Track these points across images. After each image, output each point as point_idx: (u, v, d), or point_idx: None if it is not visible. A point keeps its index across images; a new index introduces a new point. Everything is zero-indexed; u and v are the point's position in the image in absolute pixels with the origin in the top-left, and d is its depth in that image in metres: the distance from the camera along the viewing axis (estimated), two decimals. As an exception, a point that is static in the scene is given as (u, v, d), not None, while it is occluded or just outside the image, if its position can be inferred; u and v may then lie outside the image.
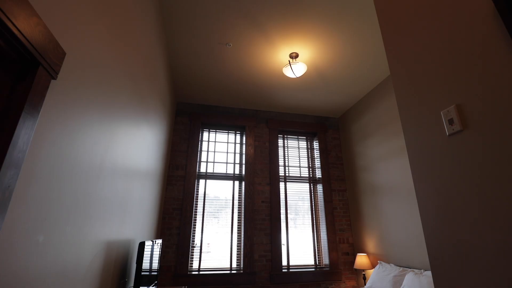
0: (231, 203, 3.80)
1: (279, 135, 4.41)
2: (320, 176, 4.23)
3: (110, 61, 1.33)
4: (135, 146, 1.98)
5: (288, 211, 3.97)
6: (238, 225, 3.71)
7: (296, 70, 3.06)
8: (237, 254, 3.58)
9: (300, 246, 3.86)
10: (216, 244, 3.57)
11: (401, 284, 2.56)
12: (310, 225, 4.00)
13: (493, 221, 0.77)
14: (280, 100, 4.08)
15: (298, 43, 2.91)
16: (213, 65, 3.24)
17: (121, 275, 1.83)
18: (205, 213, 3.65)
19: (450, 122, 0.92)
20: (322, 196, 4.10)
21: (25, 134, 0.72)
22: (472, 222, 0.83)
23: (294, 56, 3.10)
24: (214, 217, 3.67)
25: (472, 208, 0.83)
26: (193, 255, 3.44)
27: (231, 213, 3.75)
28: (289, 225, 3.90)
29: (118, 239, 1.72)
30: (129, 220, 1.96)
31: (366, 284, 3.04)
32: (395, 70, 1.23)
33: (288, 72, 3.12)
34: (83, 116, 1.08)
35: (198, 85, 3.65)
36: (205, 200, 3.72)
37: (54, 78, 0.84)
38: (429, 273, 2.47)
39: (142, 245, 1.77)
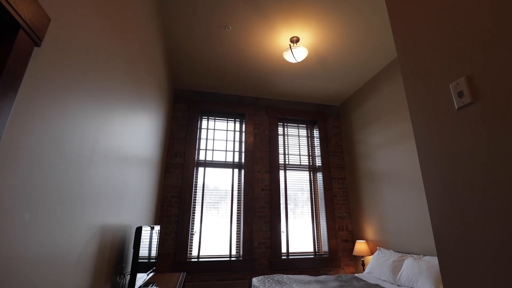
0: (230, 192, 3.78)
1: (279, 123, 4.35)
2: (320, 164, 4.20)
3: (102, 37, 1.26)
4: (131, 131, 1.93)
5: (288, 200, 3.95)
6: (237, 213, 3.70)
7: (297, 55, 2.98)
8: (237, 241, 3.58)
9: (299, 233, 3.86)
10: (215, 232, 3.57)
11: (400, 269, 2.56)
12: (310, 213, 4.00)
13: (505, 200, 0.73)
14: (280, 87, 4.00)
15: (299, 27, 2.82)
16: (212, 49, 3.15)
17: (118, 260, 1.81)
18: (204, 201, 3.64)
19: (460, 94, 0.87)
20: (322, 184, 4.08)
21: (4, 105, 0.67)
22: (480, 201, 0.79)
23: (295, 40, 3.01)
24: (214, 208, 3.65)
25: (482, 185, 0.79)
26: (192, 242, 3.44)
27: (230, 201, 3.73)
28: (288, 213, 3.89)
29: (114, 223, 1.69)
30: (125, 206, 1.93)
31: (365, 270, 3.05)
32: (401, 46, 1.17)
33: (288, 57, 3.04)
34: (71, 92, 1.03)
35: (197, 71, 3.57)
36: (205, 190, 3.69)
37: (38, 45, 0.78)
38: (428, 258, 2.47)
39: (139, 230, 1.74)
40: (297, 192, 4.03)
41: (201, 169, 3.78)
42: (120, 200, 1.77)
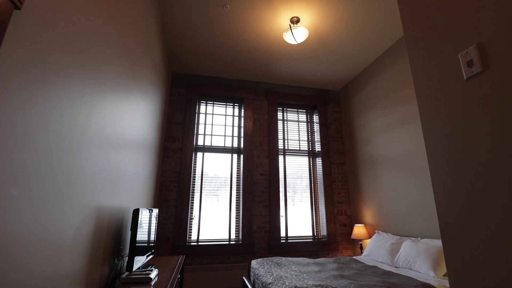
0: (229, 179, 3.76)
1: (278, 108, 4.29)
2: (319, 150, 4.17)
3: (93, 9, 1.20)
4: (127, 113, 1.88)
5: (287, 187, 3.94)
6: (237, 198, 3.70)
7: (297, 35, 2.89)
8: (236, 225, 3.60)
9: (298, 218, 3.87)
10: (215, 217, 3.58)
11: (398, 251, 2.58)
12: (309, 198, 4.00)
13: (513, 168, 0.69)
14: (280, 71, 3.92)
15: (299, 7, 2.72)
16: (209, 30, 3.05)
17: (116, 242, 1.80)
18: (204, 188, 3.63)
19: (469, 64, 0.82)
20: (321, 169, 4.07)
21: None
22: (487, 179, 0.76)
23: (295, 20, 2.91)
24: (214, 196, 3.64)
25: (491, 161, 0.75)
26: (191, 227, 3.46)
27: (229, 187, 3.72)
28: (288, 200, 3.89)
29: (110, 205, 1.67)
30: (122, 189, 1.90)
31: (363, 253, 3.07)
32: (407, 17, 1.11)
33: (288, 38, 2.95)
34: (57, 66, 0.97)
35: (194, 54, 3.48)
36: (205, 177, 3.67)
37: (18, 8, 0.72)
38: (426, 240, 2.48)
39: (136, 212, 1.73)
40: (296, 179, 4.02)
41: (199, 154, 3.75)
42: (116, 182, 1.74)
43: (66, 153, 1.07)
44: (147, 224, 2.04)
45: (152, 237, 2.23)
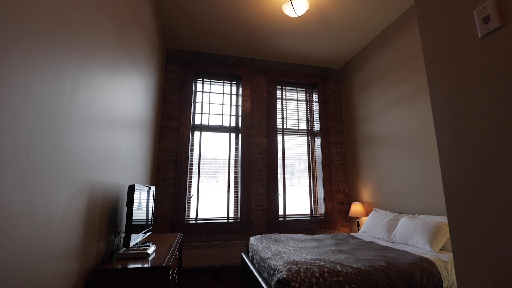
0: (227, 158, 3.73)
1: (277, 86, 4.18)
2: (318, 129, 4.12)
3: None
4: (119, 89, 1.80)
5: (286, 164, 3.92)
6: (235, 177, 3.69)
7: (297, 7, 2.74)
8: (234, 204, 3.61)
9: (296, 197, 3.89)
10: (213, 196, 3.58)
11: (395, 228, 2.60)
12: (307, 177, 4.00)
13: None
14: (279, 47, 3.77)
15: (299, -27, 2.56)
16: (205, 1, 2.89)
17: (112, 219, 1.79)
18: (202, 169, 3.60)
19: (485, 20, 0.75)
20: (320, 148, 4.04)
21: None
22: (502, 143, 0.71)
23: (294, -10, 2.76)
24: (213, 178, 3.61)
25: (506, 124, 0.70)
26: (190, 205, 3.46)
27: (227, 166, 3.69)
28: (286, 177, 3.89)
29: (104, 181, 1.63)
30: (116, 165, 1.86)
31: (361, 229, 3.11)
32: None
33: (288, 10, 2.81)
34: (33, 32, 0.89)
35: (190, 28, 3.32)
36: (203, 159, 3.63)
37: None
38: (423, 216, 2.49)
39: (131, 188, 1.69)
40: (295, 162, 3.99)
41: (197, 134, 3.69)
42: (109, 158, 1.70)
43: (50, 128, 1.01)
44: (144, 201, 2.02)
45: (150, 214, 2.22)
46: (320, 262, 1.77)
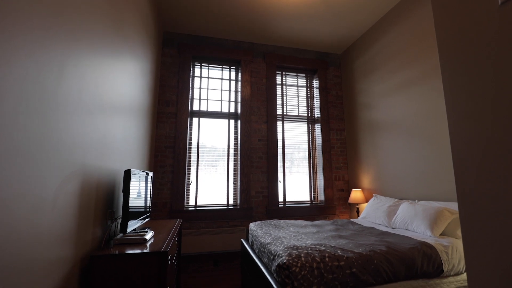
0: (227, 146, 3.67)
1: (277, 72, 4.08)
2: (318, 116, 4.05)
3: None
4: (113, 72, 1.72)
5: (286, 151, 3.88)
6: (234, 164, 3.65)
7: (298, -14, 2.62)
8: (234, 191, 3.58)
9: (296, 184, 3.87)
10: (212, 183, 3.55)
11: (395, 213, 2.58)
12: (307, 164, 3.97)
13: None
14: (279, 30, 3.65)
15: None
16: (201, -20, 2.76)
17: (108, 204, 1.75)
18: (201, 160, 3.55)
19: (509, -18, 0.68)
20: (320, 135, 3.98)
21: None
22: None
23: (295, -32, 2.63)
24: (213, 166, 3.57)
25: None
26: (189, 192, 3.44)
27: (227, 153, 3.65)
28: (285, 164, 3.85)
29: (99, 165, 1.58)
30: (112, 150, 1.81)
31: (360, 215, 3.10)
32: None
33: (288, -11, 2.69)
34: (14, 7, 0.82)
35: (186, 9, 3.19)
36: (202, 148, 3.57)
37: None
38: (423, 202, 2.47)
39: (128, 173, 1.65)
40: (293, 150, 3.93)
41: (195, 120, 3.62)
42: (103, 142, 1.64)
43: (35, 108, 0.95)
44: (142, 187, 1.98)
45: (148, 199, 2.19)
46: (321, 247, 1.75)
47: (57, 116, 1.08)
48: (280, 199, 3.73)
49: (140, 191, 1.92)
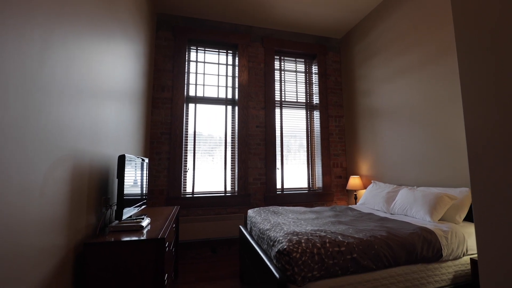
0: (224, 132, 3.60)
1: (275, 57, 3.97)
2: (317, 102, 3.98)
3: None
4: (105, 54, 1.63)
5: (284, 138, 3.82)
6: (232, 150, 3.59)
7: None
8: (231, 178, 3.55)
9: (294, 171, 3.84)
10: (210, 170, 3.50)
11: (394, 200, 2.57)
12: (305, 151, 3.93)
13: None
14: (277, 13, 3.52)
15: None
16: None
17: (102, 191, 1.69)
18: (197, 147, 3.48)
19: None
20: (318, 122, 3.93)
21: None
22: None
23: None
24: (209, 155, 3.50)
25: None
26: (186, 179, 3.39)
27: (224, 140, 3.58)
28: (284, 152, 3.81)
29: (91, 151, 1.52)
30: (105, 134, 1.73)
31: (359, 202, 3.09)
32: None
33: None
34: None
35: (180, -11, 3.04)
36: (198, 136, 3.50)
37: None
38: (422, 188, 2.45)
39: (122, 158, 1.58)
40: (292, 137, 3.87)
41: (191, 106, 3.53)
42: (96, 127, 1.57)
43: (16, 86, 0.87)
44: (138, 173, 1.92)
45: (144, 186, 2.13)
46: (321, 232, 1.73)
47: (43, 98, 1.01)
48: (278, 186, 3.70)
49: (136, 177, 1.87)
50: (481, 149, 0.76)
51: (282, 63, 4.01)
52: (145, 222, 1.72)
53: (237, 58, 3.74)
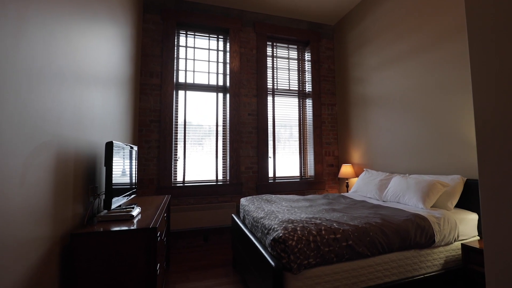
0: (215, 123, 3.52)
1: (267, 43, 3.87)
2: (310, 90, 3.93)
3: None
4: (89, 35, 1.51)
5: (276, 127, 3.78)
6: (223, 138, 3.52)
7: None
8: (223, 167, 3.49)
9: (286, 159, 3.82)
10: (201, 159, 3.43)
11: (387, 187, 2.59)
12: (297, 139, 3.90)
13: None
14: (270, -4, 3.40)
15: None
16: None
17: (89, 180, 1.61)
18: (186, 136, 3.38)
19: None
20: (311, 110, 3.89)
21: None
22: None
23: None
24: (199, 145, 3.42)
25: None
26: (176, 168, 3.31)
27: (215, 126, 3.50)
28: (276, 140, 3.77)
29: (77, 137, 1.42)
30: (90, 120, 1.64)
31: (351, 190, 3.11)
32: None
33: None
34: None
35: (168, -32, 2.88)
36: (187, 125, 3.39)
37: None
38: (415, 175, 2.48)
39: (109, 145, 1.50)
40: (284, 126, 3.83)
41: (181, 93, 3.42)
42: (79, 112, 1.47)
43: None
44: (126, 161, 1.84)
45: (133, 175, 2.06)
46: (316, 220, 1.71)
47: (20, 79, 0.91)
48: (270, 174, 3.68)
49: (124, 166, 1.79)
50: (490, 132, 0.73)
51: (275, 50, 3.92)
52: (136, 211, 1.66)
53: (228, 44, 3.62)
